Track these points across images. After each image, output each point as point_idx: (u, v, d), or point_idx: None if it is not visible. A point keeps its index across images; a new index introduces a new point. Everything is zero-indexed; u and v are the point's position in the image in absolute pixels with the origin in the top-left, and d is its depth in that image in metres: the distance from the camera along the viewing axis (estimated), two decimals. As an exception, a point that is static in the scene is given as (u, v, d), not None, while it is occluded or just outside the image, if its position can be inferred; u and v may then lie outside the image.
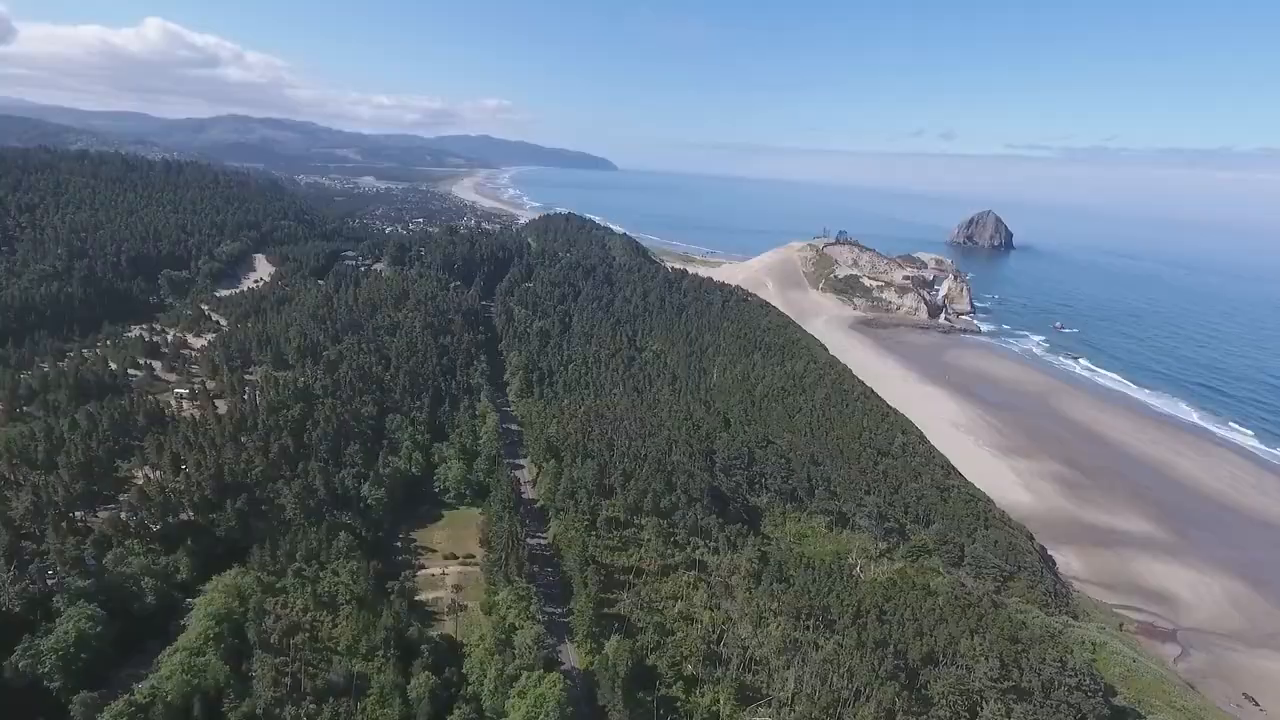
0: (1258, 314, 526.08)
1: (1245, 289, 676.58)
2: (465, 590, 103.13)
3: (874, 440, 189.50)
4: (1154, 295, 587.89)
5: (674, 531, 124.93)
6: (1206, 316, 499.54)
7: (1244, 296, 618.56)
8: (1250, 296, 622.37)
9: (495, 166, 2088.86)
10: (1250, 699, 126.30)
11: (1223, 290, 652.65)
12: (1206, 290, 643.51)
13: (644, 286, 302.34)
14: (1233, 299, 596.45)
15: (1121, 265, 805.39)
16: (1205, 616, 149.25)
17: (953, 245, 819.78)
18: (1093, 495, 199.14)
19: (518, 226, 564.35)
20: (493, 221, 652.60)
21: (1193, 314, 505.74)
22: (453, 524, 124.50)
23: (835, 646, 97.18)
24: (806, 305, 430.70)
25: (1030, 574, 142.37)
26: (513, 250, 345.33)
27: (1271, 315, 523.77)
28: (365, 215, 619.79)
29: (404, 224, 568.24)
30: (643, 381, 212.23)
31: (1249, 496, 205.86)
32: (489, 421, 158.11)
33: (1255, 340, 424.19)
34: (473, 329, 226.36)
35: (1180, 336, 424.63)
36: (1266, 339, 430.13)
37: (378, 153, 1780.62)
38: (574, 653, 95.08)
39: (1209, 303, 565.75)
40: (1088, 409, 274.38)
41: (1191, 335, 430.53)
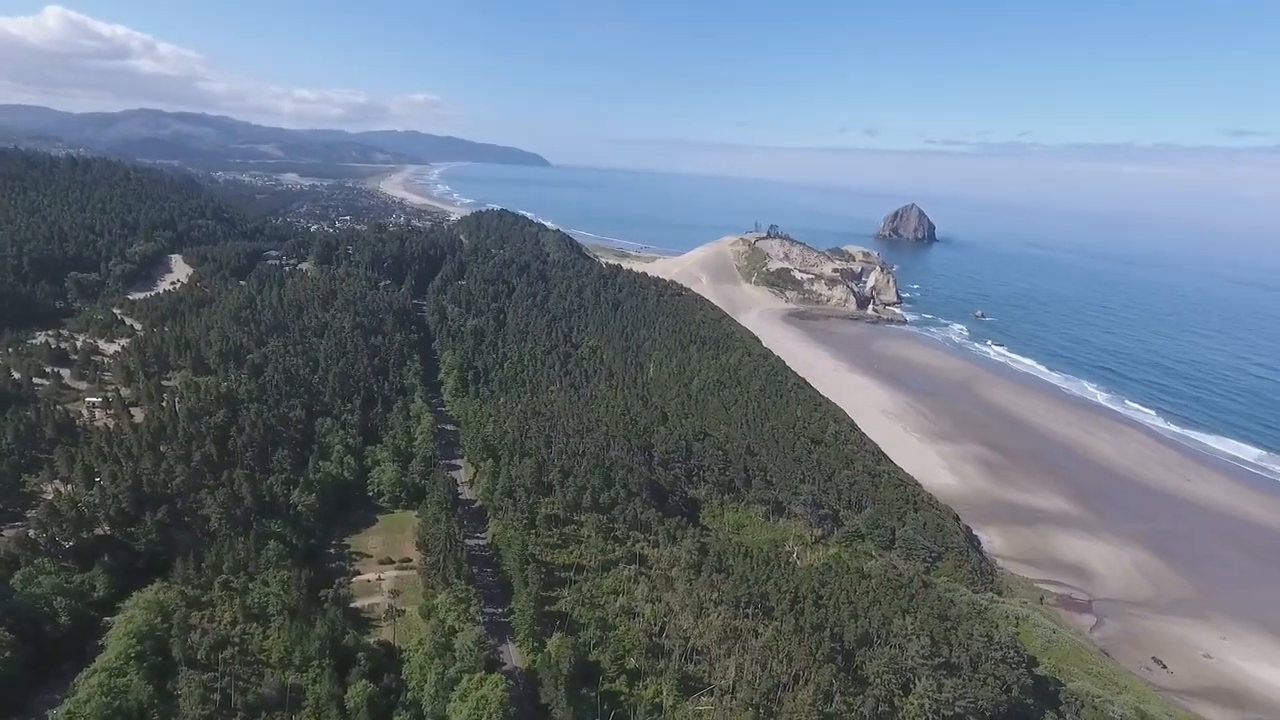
0: (1155, 300, 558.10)
1: (1145, 275, 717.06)
2: (402, 595, 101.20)
3: (808, 429, 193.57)
4: (1064, 283, 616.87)
5: (614, 526, 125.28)
6: (1110, 303, 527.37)
7: (1143, 283, 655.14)
8: (1149, 283, 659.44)
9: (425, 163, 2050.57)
10: (1158, 662, 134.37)
11: (1125, 277, 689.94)
12: (1110, 278, 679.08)
13: (579, 283, 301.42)
14: (1133, 286, 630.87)
15: (1035, 255, 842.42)
16: (1117, 587, 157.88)
17: (879, 238, 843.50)
18: (1013, 476, 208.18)
19: (449, 223, 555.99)
20: (423, 219, 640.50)
21: (1098, 301, 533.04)
22: (388, 528, 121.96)
23: (774, 632, 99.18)
24: (740, 299, 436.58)
25: (957, 554, 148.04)
26: (444, 247, 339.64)
27: (1166, 302, 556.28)
28: (289, 213, 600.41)
29: (330, 222, 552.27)
30: (579, 378, 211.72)
31: (1154, 472, 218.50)
32: (424, 422, 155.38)
33: (1152, 326, 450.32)
34: (405, 328, 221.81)
35: (1086, 323, 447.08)
36: (1162, 324, 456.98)
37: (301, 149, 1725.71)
38: (516, 652, 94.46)
39: (1112, 290, 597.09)
40: (1006, 393, 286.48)
41: (1096, 321, 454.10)
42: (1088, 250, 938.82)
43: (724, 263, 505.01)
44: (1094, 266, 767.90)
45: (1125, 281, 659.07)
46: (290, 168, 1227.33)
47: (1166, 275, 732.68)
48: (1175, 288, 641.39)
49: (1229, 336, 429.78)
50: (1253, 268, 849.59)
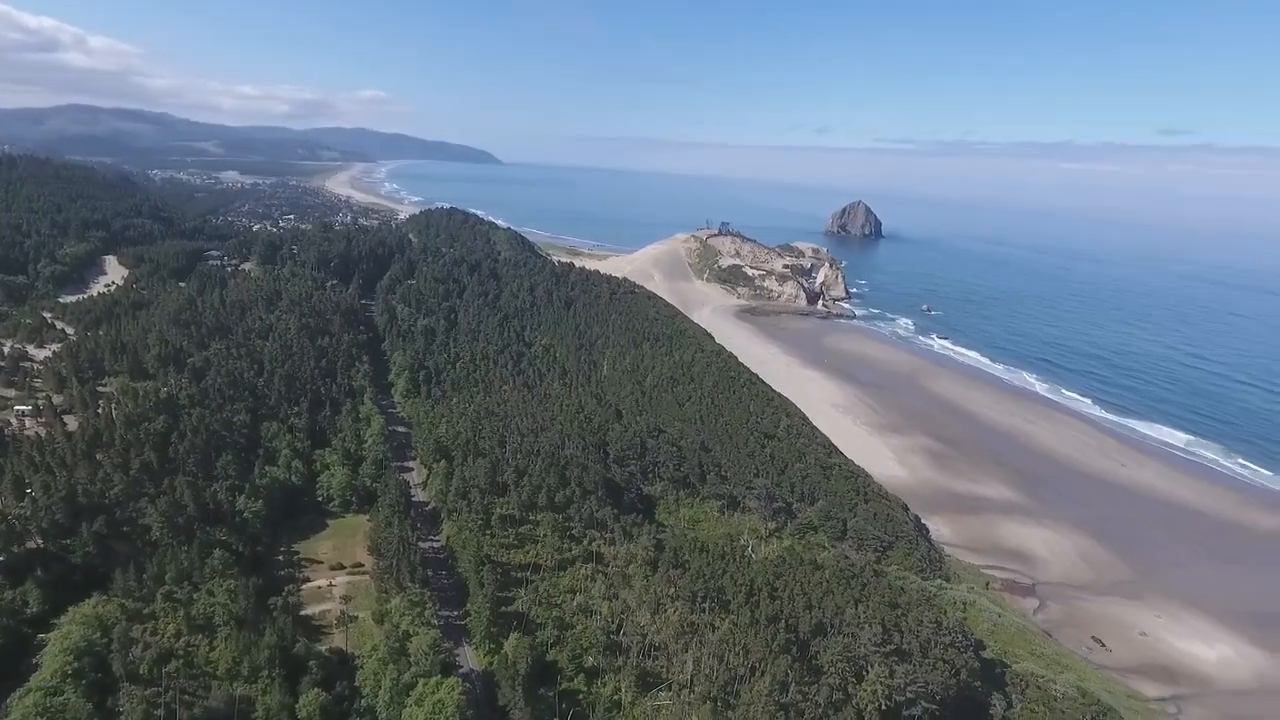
0: (1093, 293, 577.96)
1: (1084, 269, 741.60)
2: (355, 600, 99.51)
3: (760, 424, 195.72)
4: (1007, 278, 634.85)
5: (570, 525, 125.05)
6: (1050, 296, 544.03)
7: (1083, 277, 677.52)
8: (1088, 276, 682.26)
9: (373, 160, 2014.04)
10: (1098, 641, 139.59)
11: (1065, 271, 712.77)
12: (1052, 271, 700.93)
13: (531, 281, 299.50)
14: (1073, 280, 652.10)
15: (980, 250, 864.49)
16: (1059, 571, 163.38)
17: (828, 235, 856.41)
18: (959, 466, 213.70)
19: (398, 222, 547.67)
20: (371, 217, 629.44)
21: (1039, 294, 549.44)
22: (339, 533, 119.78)
23: (731, 626, 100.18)
24: (692, 295, 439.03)
25: (907, 543, 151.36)
26: (393, 246, 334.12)
27: (1104, 294, 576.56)
28: (230, 212, 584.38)
29: (274, 221, 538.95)
30: (533, 377, 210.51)
31: (1093, 459, 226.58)
32: (374, 424, 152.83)
33: (1090, 318, 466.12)
34: (353, 329, 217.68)
35: (1028, 316, 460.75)
36: (1099, 316, 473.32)
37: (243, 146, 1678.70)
38: (472, 655, 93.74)
39: (1053, 283, 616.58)
40: (952, 385, 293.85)
41: (1037, 314, 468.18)
42: (1031, 245, 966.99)
43: (676, 260, 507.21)
44: (1036, 260, 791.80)
45: (1066, 275, 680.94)
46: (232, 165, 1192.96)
47: (1105, 269, 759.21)
48: (1113, 281, 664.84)
49: (1162, 328, 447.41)
50: (1185, 261, 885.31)
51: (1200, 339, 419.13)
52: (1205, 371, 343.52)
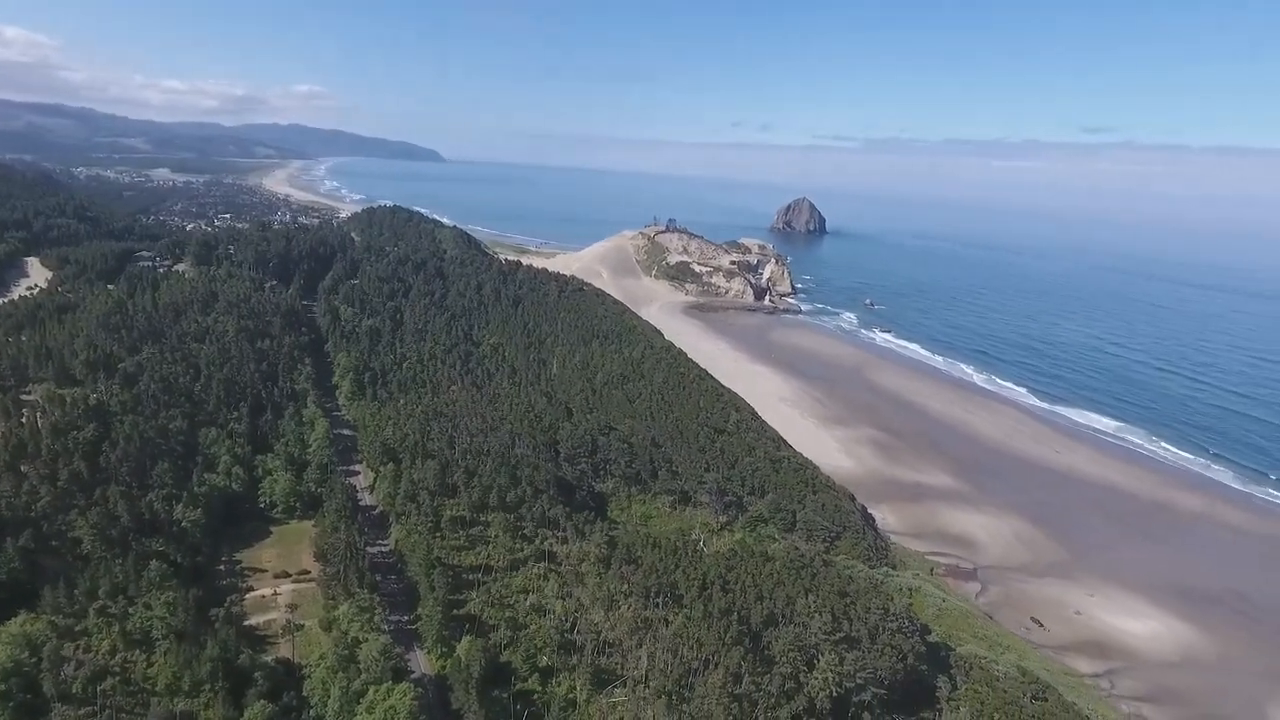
0: (1024, 286, 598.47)
1: (1015, 262, 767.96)
2: (301, 609, 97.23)
3: (710, 419, 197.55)
4: (944, 271, 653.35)
5: (522, 525, 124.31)
6: (985, 289, 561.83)
7: (1014, 270, 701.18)
8: (1019, 269, 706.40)
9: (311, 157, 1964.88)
10: (1036, 621, 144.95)
11: (998, 264, 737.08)
12: (986, 265, 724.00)
13: (478, 279, 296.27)
14: (1005, 273, 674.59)
15: (919, 245, 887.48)
16: (998, 554, 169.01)
17: (773, 231, 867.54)
18: (903, 456, 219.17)
19: (339, 220, 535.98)
20: (311, 216, 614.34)
21: (974, 287, 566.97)
22: (283, 540, 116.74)
23: (684, 620, 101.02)
24: (640, 292, 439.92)
25: (854, 532, 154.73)
26: (335, 246, 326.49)
27: (1033, 286, 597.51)
28: (161, 211, 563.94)
29: (208, 220, 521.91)
30: (481, 376, 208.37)
31: (1028, 446, 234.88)
32: (318, 428, 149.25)
33: (1022, 310, 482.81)
34: (294, 331, 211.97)
35: (963, 308, 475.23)
36: (1030, 308, 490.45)
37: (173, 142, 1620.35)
38: (424, 659, 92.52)
39: (987, 277, 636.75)
40: (895, 378, 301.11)
41: (972, 307, 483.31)
42: (965, 239, 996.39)
43: (624, 257, 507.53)
44: (970, 254, 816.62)
45: (997, 268, 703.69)
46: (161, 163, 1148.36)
47: (1033, 261, 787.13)
48: (1041, 273, 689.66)
49: (1088, 318, 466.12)
50: (1106, 253, 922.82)
51: (1123, 328, 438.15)
52: (1128, 360, 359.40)
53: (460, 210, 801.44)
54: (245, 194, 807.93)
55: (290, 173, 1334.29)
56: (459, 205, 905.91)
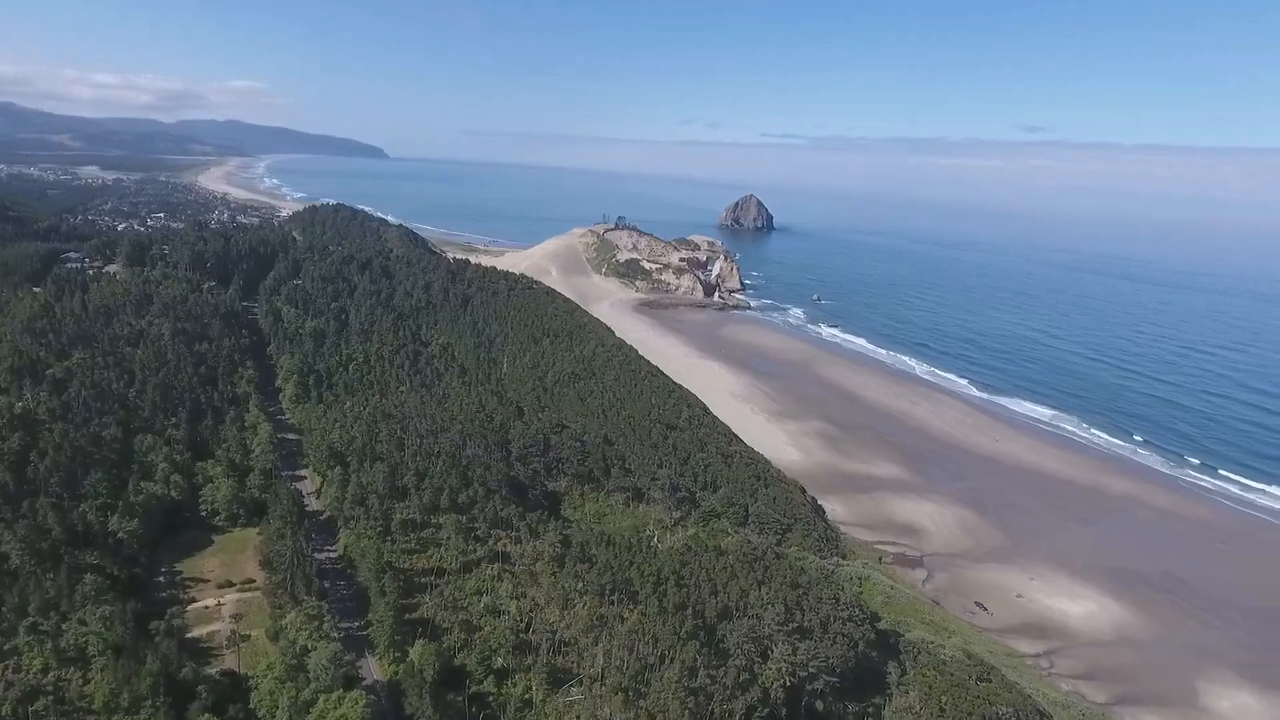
0: (964, 280, 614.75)
1: (956, 257, 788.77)
2: (246, 618, 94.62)
3: (662, 416, 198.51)
4: (889, 267, 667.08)
5: (474, 526, 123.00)
6: (926, 284, 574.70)
7: (954, 264, 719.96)
8: (960, 264, 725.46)
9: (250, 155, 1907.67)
10: (980, 605, 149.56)
11: (940, 259, 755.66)
12: (928, 260, 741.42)
13: (425, 278, 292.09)
14: (946, 267, 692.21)
15: (864, 241, 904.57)
16: (943, 542, 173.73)
17: (722, 228, 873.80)
18: (851, 448, 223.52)
19: (280, 219, 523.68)
20: (250, 214, 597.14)
21: (915, 283, 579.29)
22: (226, 548, 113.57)
23: (639, 616, 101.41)
24: (591, 290, 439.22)
25: (805, 524, 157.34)
26: (276, 245, 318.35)
27: (973, 280, 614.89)
28: (91, 210, 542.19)
29: (141, 220, 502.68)
30: (431, 376, 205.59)
31: (970, 436, 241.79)
32: (261, 432, 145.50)
33: (961, 303, 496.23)
34: (235, 333, 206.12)
35: (906, 303, 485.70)
36: (969, 302, 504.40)
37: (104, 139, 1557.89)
38: (376, 665, 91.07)
39: (927, 271, 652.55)
40: (843, 371, 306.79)
41: (914, 301, 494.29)
42: (909, 235, 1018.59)
43: (573, 255, 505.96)
44: (915, 250, 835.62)
45: (940, 263, 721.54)
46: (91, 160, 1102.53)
47: (974, 256, 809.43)
48: (980, 267, 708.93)
49: (1025, 311, 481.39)
50: (1041, 247, 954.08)
51: (1058, 320, 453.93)
52: (1062, 350, 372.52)
53: (406, 208, 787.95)
54: (181, 192, 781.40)
55: (228, 170, 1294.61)
56: (405, 203, 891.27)
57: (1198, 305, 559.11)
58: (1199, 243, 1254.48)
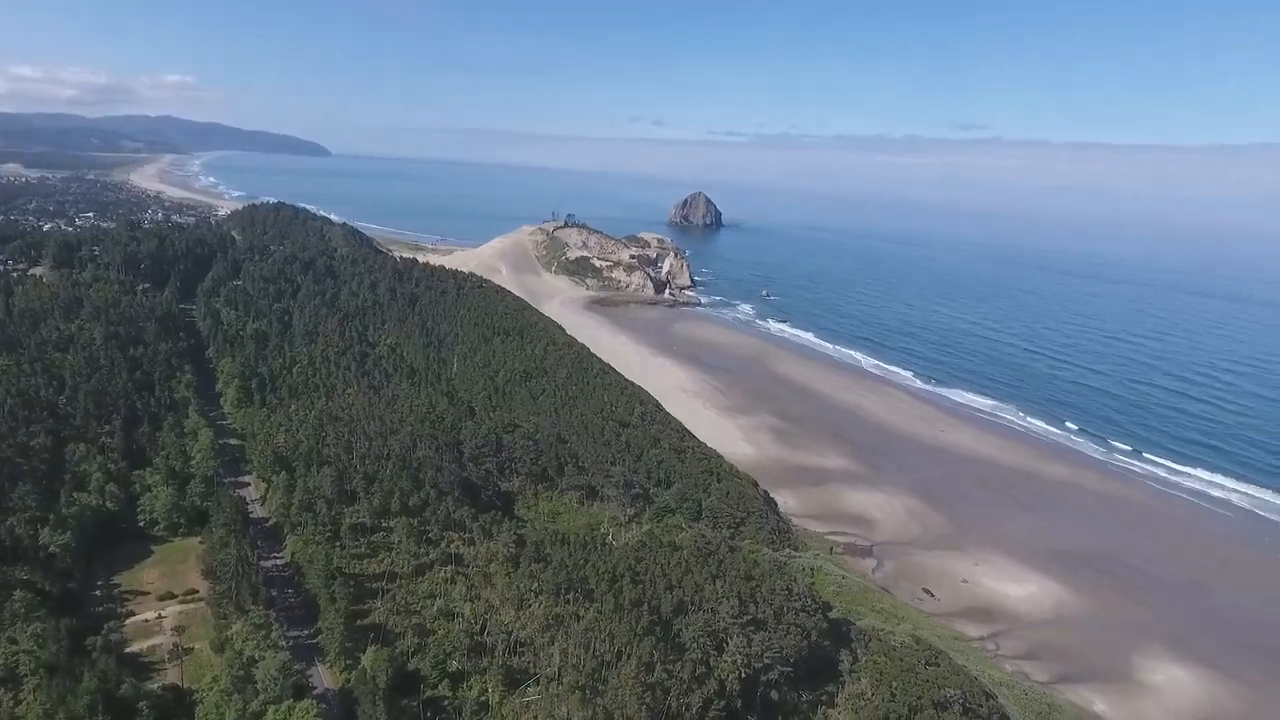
0: (905, 274, 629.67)
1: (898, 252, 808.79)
2: (190, 631, 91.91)
3: (615, 413, 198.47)
4: (834, 262, 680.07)
5: (426, 529, 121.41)
6: (869, 279, 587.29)
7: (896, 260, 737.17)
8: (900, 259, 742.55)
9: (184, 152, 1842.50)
10: (928, 591, 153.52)
11: (883, 254, 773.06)
12: (869, 256, 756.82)
13: (372, 278, 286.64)
14: (888, 263, 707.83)
15: (810, 237, 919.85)
16: (891, 530, 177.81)
17: (671, 225, 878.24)
18: (802, 441, 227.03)
19: (218, 218, 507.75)
20: (186, 214, 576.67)
21: (859, 278, 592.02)
22: (167, 559, 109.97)
23: (595, 614, 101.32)
24: (541, 288, 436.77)
25: (758, 517, 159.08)
26: (214, 245, 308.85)
27: (914, 275, 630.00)
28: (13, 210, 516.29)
29: (68, 219, 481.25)
30: (379, 378, 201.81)
31: (916, 426, 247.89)
32: (201, 438, 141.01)
33: (903, 298, 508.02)
34: (171, 337, 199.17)
35: (851, 297, 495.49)
36: (910, 296, 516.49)
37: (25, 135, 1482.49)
38: (327, 673, 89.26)
39: (871, 267, 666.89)
40: (792, 366, 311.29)
41: (859, 296, 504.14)
42: (853, 231, 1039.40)
43: (523, 253, 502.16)
44: (859, 245, 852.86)
45: (883, 258, 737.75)
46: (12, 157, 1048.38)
47: (913, 251, 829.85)
48: (921, 262, 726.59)
49: (964, 304, 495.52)
50: (978, 243, 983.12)
51: (995, 313, 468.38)
52: (998, 342, 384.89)
53: (351, 207, 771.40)
54: (111, 191, 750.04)
55: (161, 168, 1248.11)
56: (349, 201, 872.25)
57: (1121, 296, 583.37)
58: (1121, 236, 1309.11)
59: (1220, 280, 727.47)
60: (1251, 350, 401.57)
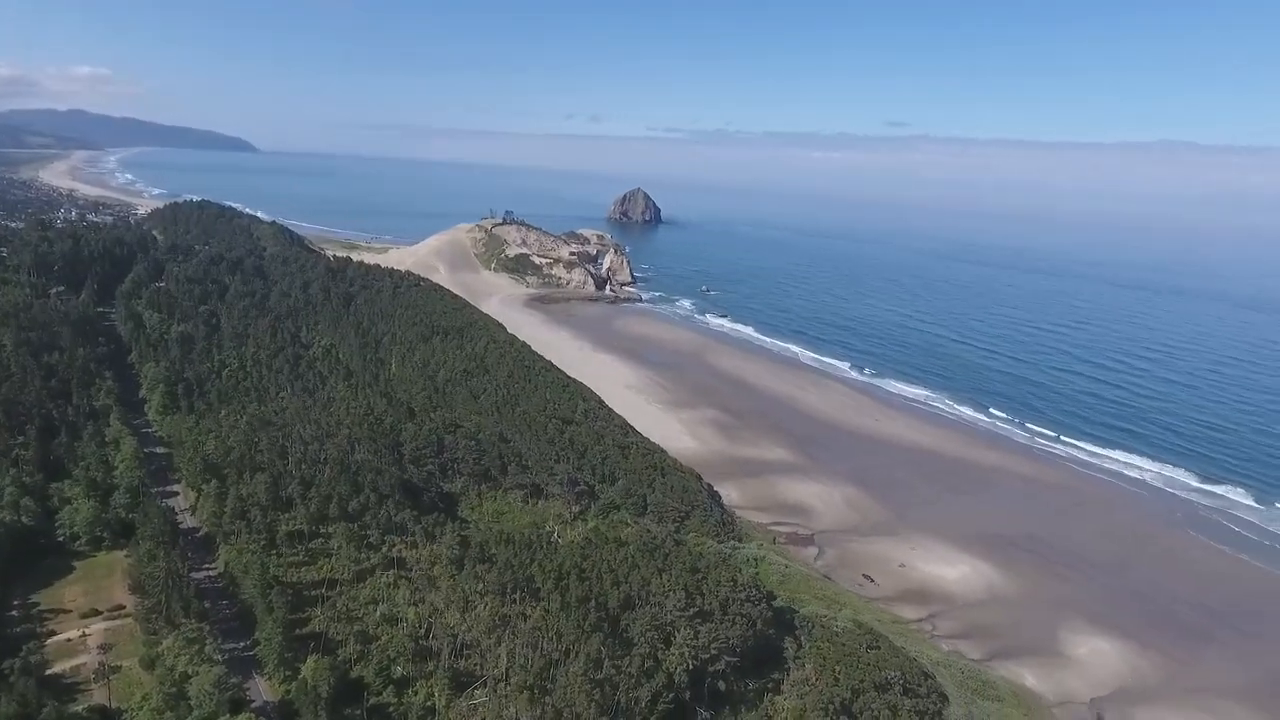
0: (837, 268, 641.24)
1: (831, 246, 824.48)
2: (117, 648, 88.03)
3: (558, 411, 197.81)
4: (771, 257, 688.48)
5: (366, 533, 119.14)
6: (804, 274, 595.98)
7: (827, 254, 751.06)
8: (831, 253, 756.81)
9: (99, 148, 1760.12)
10: (867, 577, 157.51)
11: (817, 249, 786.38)
12: (803, 251, 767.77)
13: (304, 278, 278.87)
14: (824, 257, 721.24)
15: (747, 233, 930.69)
16: (832, 519, 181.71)
17: (610, 221, 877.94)
18: (743, 434, 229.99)
19: (138, 218, 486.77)
20: (103, 213, 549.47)
21: (794, 272, 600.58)
22: (89, 574, 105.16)
23: (542, 613, 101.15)
24: (480, 286, 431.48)
25: (702, 510, 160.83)
26: (134, 245, 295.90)
27: (848, 268, 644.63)
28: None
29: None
30: (313, 380, 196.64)
31: (853, 417, 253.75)
32: (125, 447, 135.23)
33: (837, 291, 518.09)
34: (89, 342, 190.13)
35: (787, 292, 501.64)
36: (843, 289, 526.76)
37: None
38: (266, 686, 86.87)
39: (807, 261, 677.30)
40: (732, 360, 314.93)
41: (794, 290, 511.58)
42: (786, 226, 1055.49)
43: (461, 250, 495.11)
44: (794, 241, 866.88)
45: (818, 253, 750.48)
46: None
47: (845, 245, 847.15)
48: (853, 256, 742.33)
49: (896, 297, 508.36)
50: (911, 237, 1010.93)
51: (922, 305, 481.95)
52: (928, 333, 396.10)
53: (280, 205, 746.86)
54: (19, 189, 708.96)
55: (74, 164, 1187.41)
56: (278, 199, 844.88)
57: (1041, 287, 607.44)
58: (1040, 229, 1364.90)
59: (1133, 271, 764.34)
60: (1164, 337, 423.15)
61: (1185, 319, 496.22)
